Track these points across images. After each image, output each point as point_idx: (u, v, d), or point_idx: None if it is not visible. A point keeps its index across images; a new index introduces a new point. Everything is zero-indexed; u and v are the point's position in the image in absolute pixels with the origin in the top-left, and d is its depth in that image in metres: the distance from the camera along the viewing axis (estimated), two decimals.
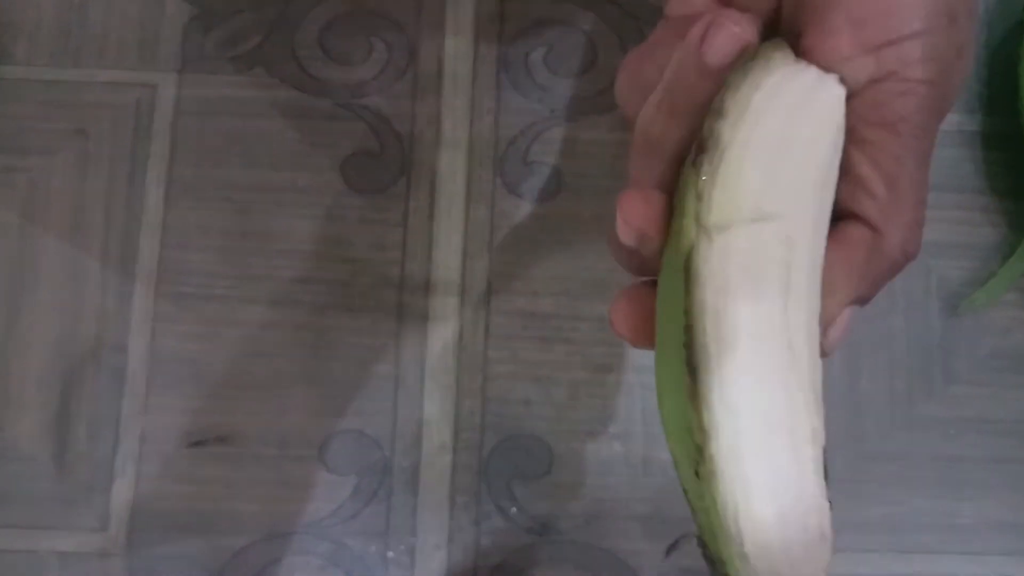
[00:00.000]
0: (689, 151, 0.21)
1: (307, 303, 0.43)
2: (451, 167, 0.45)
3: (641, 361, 0.43)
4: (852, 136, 0.22)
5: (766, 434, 0.20)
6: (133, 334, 0.43)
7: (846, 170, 0.22)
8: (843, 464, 0.43)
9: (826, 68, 0.21)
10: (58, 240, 0.43)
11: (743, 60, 0.21)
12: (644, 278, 0.25)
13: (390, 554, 0.41)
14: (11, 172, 0.44)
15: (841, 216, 0.22)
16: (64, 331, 0.42)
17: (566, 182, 0.45)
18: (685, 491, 0.23)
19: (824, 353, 0.22)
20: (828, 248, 0.22)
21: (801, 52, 0.21)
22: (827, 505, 0.21)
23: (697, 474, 0.20)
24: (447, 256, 0.44)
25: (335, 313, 0.43)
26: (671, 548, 0.42)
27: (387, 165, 0.45)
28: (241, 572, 0.41)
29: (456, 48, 0.46)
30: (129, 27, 0.45)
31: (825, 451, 0.21)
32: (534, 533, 0.42)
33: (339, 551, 0.41)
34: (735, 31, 0.20)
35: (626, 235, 0.22)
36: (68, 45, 0.45)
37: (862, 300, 0.23)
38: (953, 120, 0.46)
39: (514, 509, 0.42)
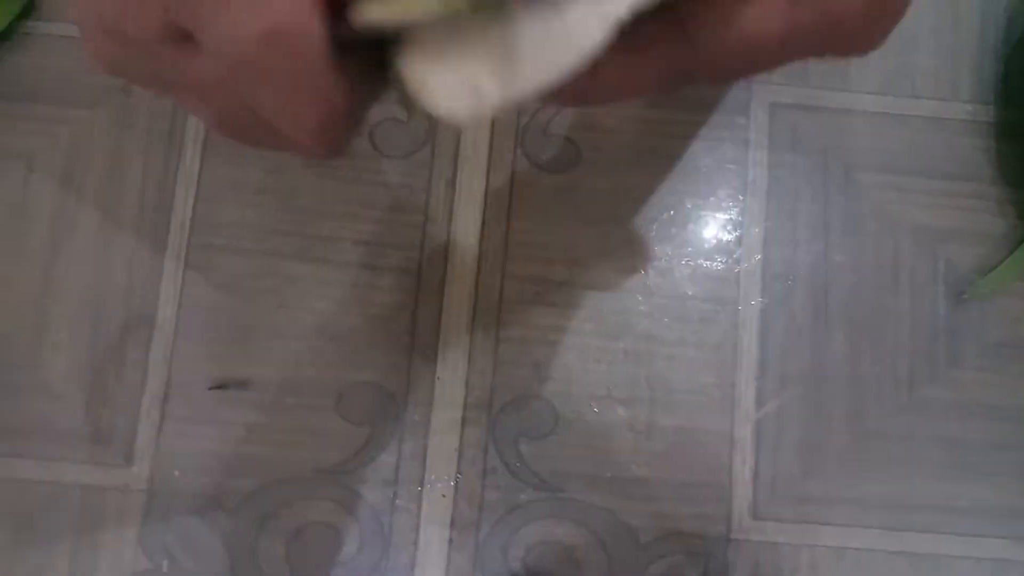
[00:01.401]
0: None
1: (331, 260, 0.44)
2: (474, 137, 0.45)
3: (650, 331, 0.43)
4: None
5: None
6: (164, 283, 0.43)
7: None
8: (842, 440, 0.42)
9: None
10: (96, 191, 0.44)
11: None
12: None
13: (398, 502, 0.42)
14: (54, 123, 0.45)
15: None
16: (98, 277, 0.43)
17: (584, 155, 0.45)
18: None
19: None
20: None
21: None
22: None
23: None
24: (467, 221, 0.44)
25: (357, 270, 0.44)
26: (671, 511, 0.42)
27: (413, 133, 0.45)
28: (255, 512, 0.42)
29: None
30: None
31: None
32: (538, 490, 0.42)
33: (349, 496, 0.42)
34: None
35: None
36: None
37: None
38: (967, 110, 0.45)
39: (519, 466, 0.42)
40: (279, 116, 0.19)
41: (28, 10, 0.46)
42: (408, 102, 0.20)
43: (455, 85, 0.19)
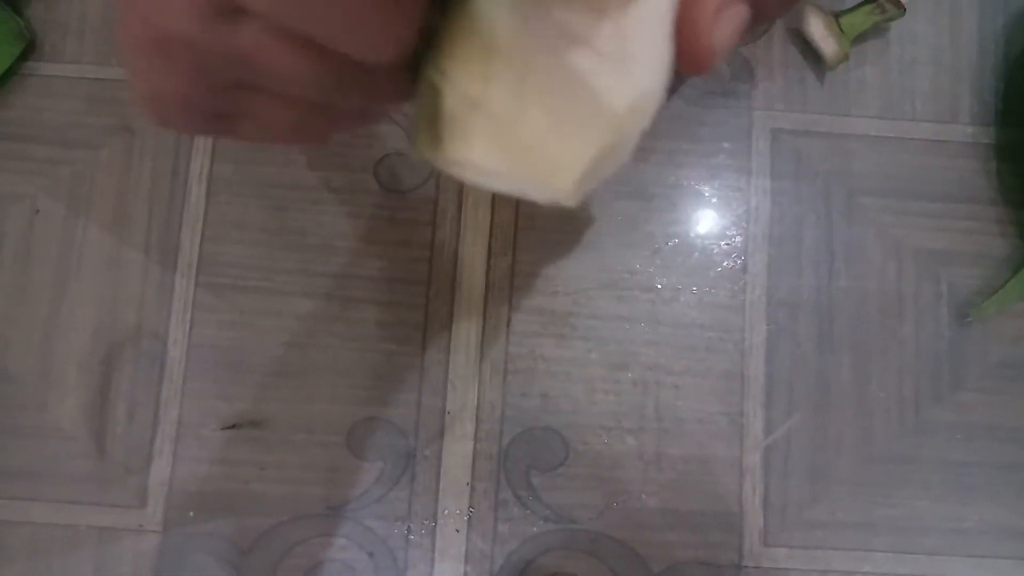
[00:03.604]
0: None
1: (338, 296, 0.42)
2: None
3: (656, 361, 0.42)
4: None
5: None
6: (172, 321, 0.42)
7: None
8: (850, 465, 0.41)
9: None
10: (101, 231, 0.43)
11: None
12: None
13: (412, 537, 0.41)
14: (57, 164, 0.43)
15: None
16: (106, 318, 0.42)
17: None
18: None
19: (708, 52, 0.18)
20: None
21: None
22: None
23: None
24: (473, 255, 0.43)
25: (365, 306, 0.42)
26: (682, 540, 0.41)
27: (417, 167, 0.44)
28: (269, 551, 0.40)
29: None
30: None
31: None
32: (549, 521, 0.41)
33: (363, 533, 0.41)
34: None
35: None
36: (113, 44, 0.44)
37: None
38: (967, 132, 0.44)
39: (530, 498, 0.41)
40: (353, 32, 0.17)
41: (28, 51, 0.44)
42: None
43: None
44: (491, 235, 0.43)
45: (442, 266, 0.43)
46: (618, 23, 0.16)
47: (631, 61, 0.16)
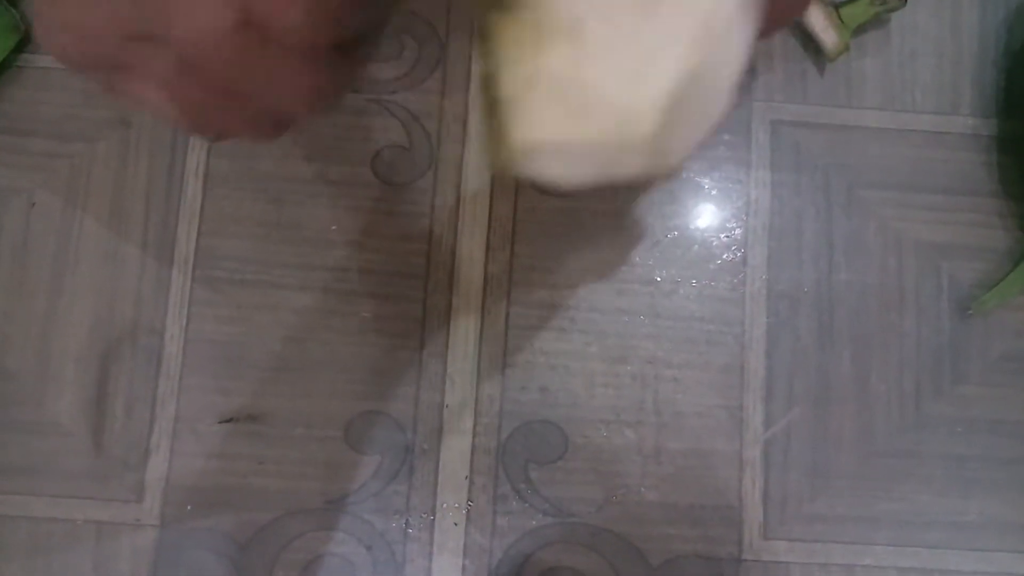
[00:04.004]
0: None
1: (336, 290, 0.42)
2: (477, 163, 0.43)
3: (655, 354, 0.42)
4: None
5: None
6: (169, 316, 0.42)
7: None
8: (850, 459, 0.41)
9: None
10: (98, 225, 0.42)
11: None
12: None
13: (410, 531, 0.40)
14: (54, 158, 0.43)
15: None
16: (103, 313, 0.42)
17: None
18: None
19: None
20: None
21: None
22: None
23: None
24: (471, 248, 0.42)
25: (363, 300, 0.42)
26: (681, 534, 0.40)
27: (415, 159, 0.43)
28: (267, 545, 0.40)
29: None
30: None
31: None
32: (548, 515, 0.40)
33: (361, 527, 0.40)
34: None
35: None
36: None
37: None
38: (968, 124, 0.44)
39: (529, 491, 0.40)
40: (262, 96, 0.18)
41: (24, 43, 0.43)
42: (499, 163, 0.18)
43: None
44: (489, 228, 0.43)
45: (440, 260, 0.42)
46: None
47: (695, 26, 0.15)
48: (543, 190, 0.42)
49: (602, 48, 0.15)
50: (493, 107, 0.17)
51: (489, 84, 0.17)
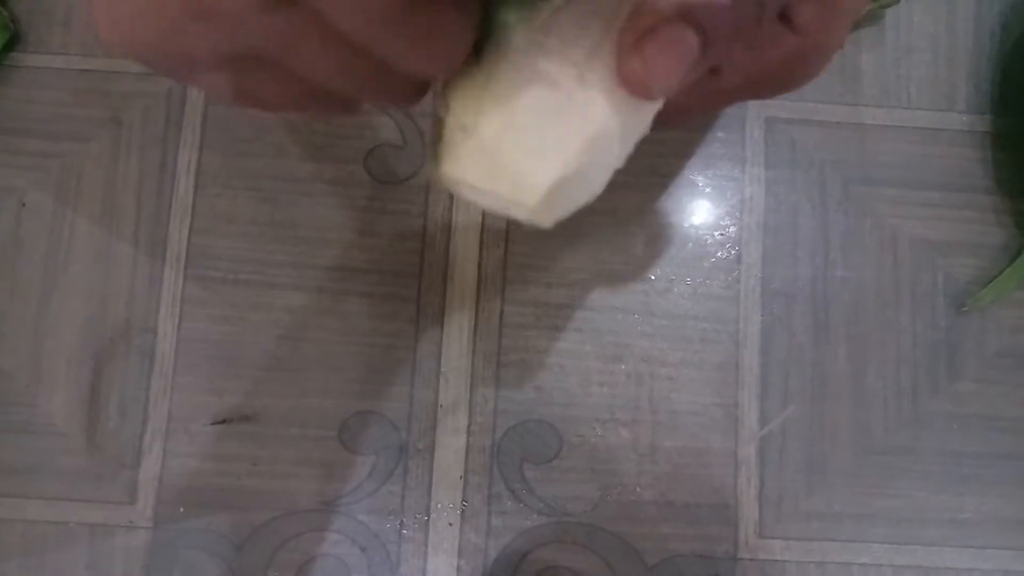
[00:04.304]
0: None
1: (329, 289, 0.42)
2: None
3: (650, 352, 0.41)
4: None
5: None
6: (162, 316, 0.41)
7: None
8: (846, 456, 0.41)
9: None
10: (90, 224, 0.42)
11: None
12: None
13: (405, 531, 0.40)
14: (45, 157, 0.42)
15: None
16: (95, 312, 0.41)
17: None
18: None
19: (642, 74, 0.18)
20: None
21: None
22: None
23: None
24: (465, 246, 0.42)
25: (356, 299, 0.41)
26: (677, 532, 0.40)
27: (409, 158, 0.43)
28: (262, 546, 0.40)
29: None
30: None
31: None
32: (543, 514, 0.40)
33: (356, 527, 0.40)
34: None
35: None
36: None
37: (697, 23, 0.18)
38: (964, 120, 0.43)
39: (524, 491, 0.40)
40: (413, 51, 0.18)
41: (13, 42, 0.43)
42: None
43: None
44: (483, 226, 0.42)
45: (434, 258, 0.42)
46: (582, 72, 0.19)
47: (591, 102, 0.20)
48: None
49: (520, 127, 0.20)
50: (438, 135, 0.21)
51: (438, 116, 0.21)
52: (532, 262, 0.42)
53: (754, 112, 0.43)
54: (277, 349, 0.41)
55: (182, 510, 0.40)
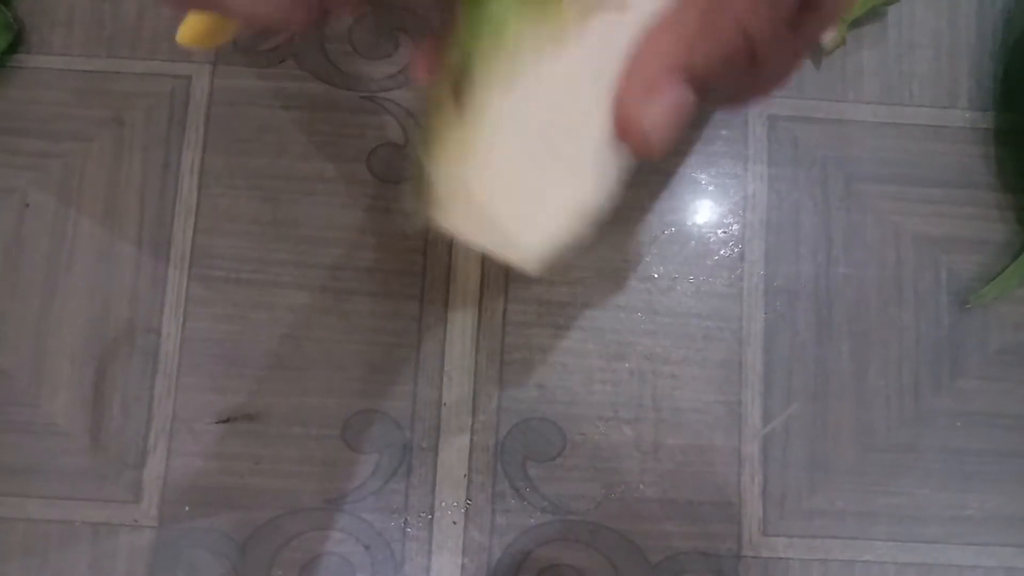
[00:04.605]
0: None
1: (332, 288, 0.41)
2: None
3: (653, 350, 0.41)
4: None
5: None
6: (166, 316, 0.41)
7: None
8: (849, 454, 0.40)
9: None
10: (93, 224, 0.42)
11: None
12: None
13: (409, 530, 0.40)
14: (47, 157, 0.42)
15: None
16: (98, 312, 0.41)
17: None
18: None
19: (643, 133, 0.18)
20: (662, 15, 0.18)
21: None
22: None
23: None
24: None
25: (359, 298, 0.41)
26: (680, 530, 0.40)
27: (411, 156, 0.43)
28: (265, 545, 0.40)
29: None
30: (162, 19, 0.44)
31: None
32: (547, 513, 0.40)
33: (360, 526, 0.40)
34: None
35: None
36: (102, 35, 0.43)
37: (692, 75, 0.18)
38: (966, 117, 0.43)
39: (528, 489, 0.40)
40: None
41: (16, 44, 0.43)
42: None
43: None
44: None
45: (437, 256, 0.42)
46: (576, 124, 0.19)
47: (586, 164, 0.19)
48: None
49: (511, 190, 0.19)
50: (426, 180, 0.21)
51: (423, 158, 0.21)
52: None
53: (756, 110, 0.43)
54: (280, 348, 0.41)
55: (186, 509, 0.40)
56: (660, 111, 0.18)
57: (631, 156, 0.20)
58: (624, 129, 0.18)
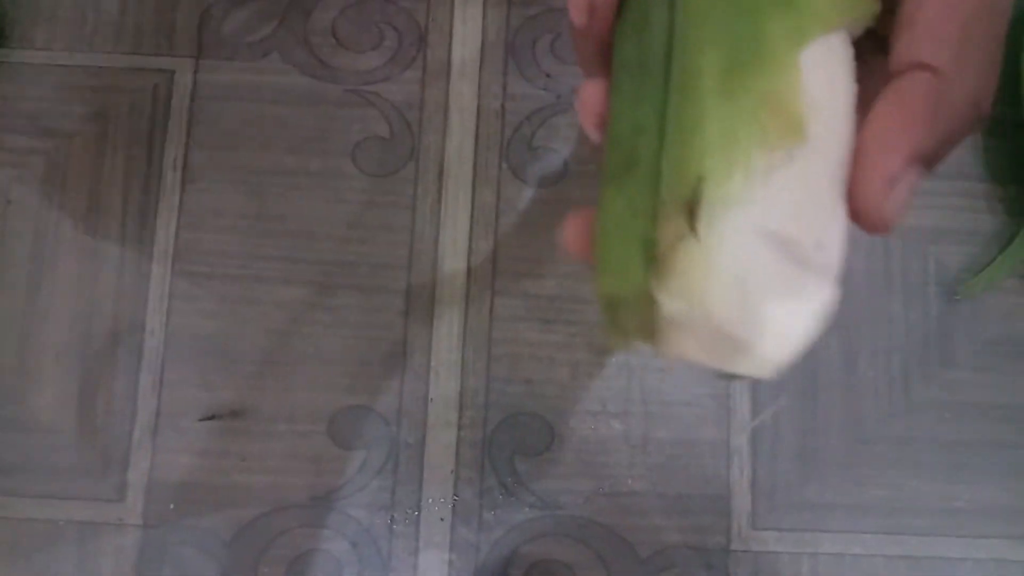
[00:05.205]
0: None
1: (318, 283, 0.41)
2: (458, 152, 0.42)
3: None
4: None
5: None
6: (150, 312, 0.41)
7: (906, 17, 0.18)
8: (839, 446, 0.40)
9: None
10: (76, 220, 0.41)
11: None
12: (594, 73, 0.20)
13: (396, 527, 0.39)
14: (30, 154, 0.41)
15: (899, 70, 0.19)
16: (83, 309, 0.41)
17: (570, 168, 0.42)
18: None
19: (884, 221, 0.18)
20: (883, 100, 0.18)
21: None
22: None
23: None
24: (454, 238, 0.41)
25: (345, 293, 0.41)
26: (669, 524, 0.39)
27: (396, 150, 0.42)
28: (252, 542, 0.39)
29: (464, 35, 0.43)
30: (145, 14, 0.43)
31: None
32: (535, 508, 0.39)
33: (346, 523, 0.39)
34: None
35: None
36: (84, 30, 0.43)
37: (926, 159, 0.17)
38: None
39: (516, 484, 0.39)
40: None
41: None
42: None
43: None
44: (472, 218, 0.41)
45: (423, 250, 0.41)
46: (816, 232, 0.17)
47: (828, 270, 0.18)
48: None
49: (753, 306, 0.17)
50: (638, 312, 0.18)
51: (646, 294, 0.18)
52: (522, 254, 0.41)
53: None
54: (266, 344, 0.41)
55: (172, 507, 0.39)
56: (900, 198, 0.18)
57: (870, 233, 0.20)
58: (869, 222, 0.19)
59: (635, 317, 0.19)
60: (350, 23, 0.43)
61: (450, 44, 0.43)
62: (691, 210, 0.18)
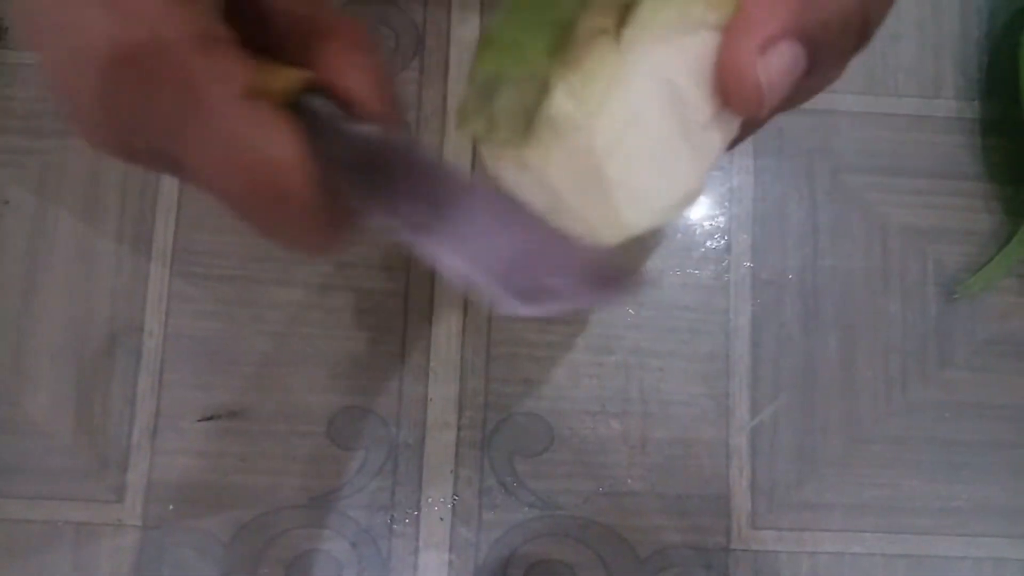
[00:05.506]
0: None
1: (316, 284, 0.41)
2: (457, 150, 0.42)
3: (640, 344, 0.40)
4: None
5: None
6: (148, 313, 0.40)
7: None
8: (838, 446, 0.40)
9: None
10: (73, 221, 0.41)
11: None
12: None
13: (395, 527, 0.39)
14: (26, 154, 0.41)
15: None
16: (80, 310, 0.40)
17: None
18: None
19: (754, 90, 0.17)
20: None
21: None
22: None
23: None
24: None
25: (343, 293, 0.41)
26: (669, 524, 0.39)
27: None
28: (251, 543, 0.39)
29: (461, 36, 0.43)
30: None
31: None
32: (535, 508, 0.39)
33: (346, 523, 0.39)
34: None
35: None
36: None
37: (807, 38, 0.18)
38: (952, 107, 0.43)
39: (515, 485, 0.39)
40: (271, 235, 0.19)
41: None
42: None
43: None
44: None
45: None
46: (709, 99, 0.17)
47: (709, 149, 0.18)
48: None
49: (635, 155, 0.17)
50: (516, 101, 0.18)
51: (529, 84, 0.18)
52: None
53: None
54: (264, 345, 0.40)
55: (171, 508, 0.39)
56: (775, 65, 0.17)
57: (737, 117, 0.18)
58: (736, 87, 0.17)
59: (511, 104, 0.17)
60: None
61: (447, 45, 0.43)
62: (625, 10, 0.17)
